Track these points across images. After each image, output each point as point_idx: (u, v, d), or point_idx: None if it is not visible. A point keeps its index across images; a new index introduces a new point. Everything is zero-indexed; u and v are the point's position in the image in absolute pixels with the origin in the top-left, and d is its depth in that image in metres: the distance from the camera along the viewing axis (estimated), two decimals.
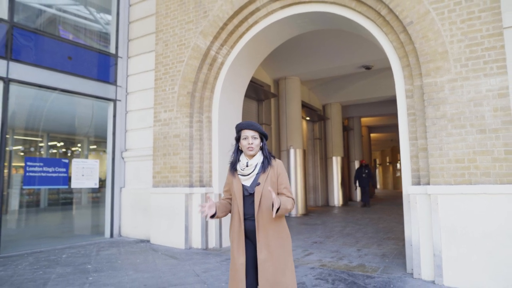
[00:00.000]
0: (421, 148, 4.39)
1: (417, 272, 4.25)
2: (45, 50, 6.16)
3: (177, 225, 6.04)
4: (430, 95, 4.26)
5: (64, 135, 7.05)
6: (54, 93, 6.39)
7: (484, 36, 4.04)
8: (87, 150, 7.27)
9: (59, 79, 6.28)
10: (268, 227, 2.34)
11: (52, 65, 6.21)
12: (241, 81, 6.68)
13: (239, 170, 2.44)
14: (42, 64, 6.07)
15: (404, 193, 4.57)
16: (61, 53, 6.40)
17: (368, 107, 16.22)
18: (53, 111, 6.70)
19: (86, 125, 7.15)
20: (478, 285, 3.79)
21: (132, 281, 4.17)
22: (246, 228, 2.39)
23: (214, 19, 6.01)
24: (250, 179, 2.40)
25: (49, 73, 6.15)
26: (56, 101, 6.62)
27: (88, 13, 7.31)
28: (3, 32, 5.63)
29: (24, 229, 6.35)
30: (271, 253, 2.31)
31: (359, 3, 4.95)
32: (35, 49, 6.01)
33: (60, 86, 6.29)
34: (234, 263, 2.38)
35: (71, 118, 7.01)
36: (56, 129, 6.96)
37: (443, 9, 4.26)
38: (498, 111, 3.91)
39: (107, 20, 7.47)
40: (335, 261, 5.12)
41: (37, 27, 6.28)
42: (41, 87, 6.11)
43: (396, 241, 6.52)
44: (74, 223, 7.16)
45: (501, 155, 3.86)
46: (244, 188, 2.41)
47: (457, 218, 3.96)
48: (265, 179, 2.37)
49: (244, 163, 2.42)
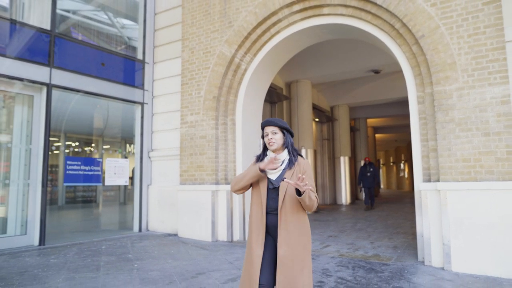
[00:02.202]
0: (431, 149, 4.88)
1: (428, 260, 4.74)
2: (81, 57, 6.68)
3: (204, 220, 6.54)
4: (440, 102, 4.75)
5: (96, 136, 7.55)
6: (88, 97, 6.90)
7: (488, 49, 4.52)
8: (117, 150, 7.77)
9: (93, 83, 6.80)
10: (290, 223, 2.33)
11: (87, 71, 6.73)
12: (262, 86, 7.19)
13: None
14: (78, 70, 6.59)
15: (416, 189, 5.06)
16: (95, 59, 6.92)
17: (374, 109, 16.69)
18: (86, 113, 7.23)
19: (116, 126, 7.67)
20: (482, 270, 4.28)
21: (174, 267, 4.68)
22: (267, 222, 2.39)
23: (239, 29, 6.51)
24: (277, 173, 2.40)
25: (85, 78, 6.67)
26: (89, 104, 7.14)
27: (117, 21, 7.83)
28: (47, 41, 6.15)
29: (63, 223, 6.87)
30: (291, 249, 2.29)
31: (375, 17, 5.45)
32: (73, 56, 6.53)
33: (93, 90, 6.81)
34: (251, 254, 2.35)
35: (102, 120, 7.53)
36: (88, 130, 7.46)
37: (452, 24, 4.75)
38: (501, 116, 4.39)
39: (134, 28, 7.99)
40: (352, 251, 5.61)
41: (74, 36, 6.80)
42: (78, 91, 6.63)
43: (405, 235, 7.00)
44: (105, 218, 7.67)
45: (503, 155, 4.35)
46: (269, 181, 2.41)
47: (464, 212, 4.45)
48: (290, 176, 2.37)
49: (273, 155, 2.42)
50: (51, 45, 6.19)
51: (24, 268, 4.55)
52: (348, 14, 5.68)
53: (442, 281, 4.09)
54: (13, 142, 5.93)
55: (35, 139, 5.96)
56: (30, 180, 5.90)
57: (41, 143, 5.96)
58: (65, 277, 4.20)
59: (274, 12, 6.19)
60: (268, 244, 2.37)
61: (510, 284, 3.92)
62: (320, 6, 5.89)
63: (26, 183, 5.90)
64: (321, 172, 14.41)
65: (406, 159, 29.86)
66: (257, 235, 2.36)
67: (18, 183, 5.88)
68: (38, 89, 6.09)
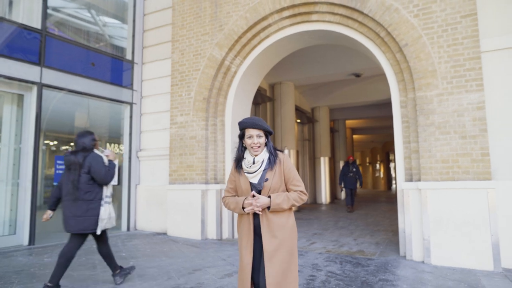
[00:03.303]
0: (413, 150, 5.22)
1: (409, 255, 5.08)
2: (71, 56, 6.67)
3: (193, 219, 6.67)
4: (421, 106, 5.09)
5: None
6: (77, 96, 6.89)
7: (466, 59, 4.90)
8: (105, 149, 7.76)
9: (82, 83, 6.80)
10: (275, 221, 2.33)
11: (77, 71, 6.73)
12: (250, 88, 7.39)
13: (245, 168, 2.40)
14: (69, 69, 6.58)
15: (398, 188, 5.39)
16: (85, 59, 6.92)
17: (353, 110, 17.20)
18: (75, 113, 7.20)
19: (104, 126, 7.67)
20: (459, 263, 4.64)
21: (169, 264, 4.81)
22: (255, 223, 2.38)
23: (230, 33, 6.68)
24: (257, 176, 2.37)
25: (75, 78, 6.67)
26: (78, 104, 7.12)
27: (107, 21, 7.83)
28: (38, 40, 6.12)
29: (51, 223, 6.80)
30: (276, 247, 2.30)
31: (361, 25, 5.75)
32: (63, 55, 6.52)
33: (83, 90, 6.82)
34: (242, 261, 2.38)
35: (91, 120, 7.51)
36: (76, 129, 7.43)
37: (433, 34, 5.10)
38: (476, 121, 4.77)
39: (124, 28, 8.01)
40: (337, 248, 5.90)
41: (65, 36, 6.78)
42: (68, 91, 6.61)
43: (385, 232, 7.37)
44: None
45: (479, 157, 4.73)
46: (252, 186, 2.39)
47: (443, 209, 4.80)
48: (272, 175, 2.36)
49: (250, 161, 2.38)
50: (42, 44, 6.16)
51: (20, 267, 4.57)
52: (336, 21, 5.96)
53: (423, 273, 4.42)
54: (1, 141, 5.87)
55: (25, 138, 5.93)
56: (20, 179, 5.86)
57: (31, 142, 5.93)
58: None
59: (264, 17, 6.40)
60: (257, 246, 2.37)
61: (484, 275, 4.29)
62: (309, 13, 6.15)
63: (15, 182, 5.86)
64: (302, 172, 14.74)
65: (382, 159, 30.82)
66: (246, 241, 2.37)
67: (6, 182, 5.83)
68: (28, 88, 6.05)
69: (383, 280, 4.09)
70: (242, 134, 2.44)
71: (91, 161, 3.66)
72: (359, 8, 5.58)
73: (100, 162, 3.70)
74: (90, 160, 3.66)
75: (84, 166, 3.64)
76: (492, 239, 4.52)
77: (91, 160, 3.67)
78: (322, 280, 4.12)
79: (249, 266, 2.32)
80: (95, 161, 3.67)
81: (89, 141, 3.76)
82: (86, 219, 3.62)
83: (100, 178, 3.66)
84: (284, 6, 6.20)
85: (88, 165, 3.65)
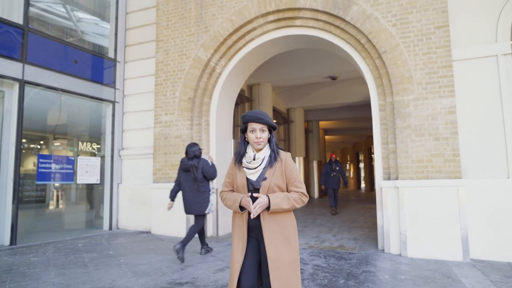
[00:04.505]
0: (391, 151, 5.58)
1: (387, 248, 5.44)
2: (54, 53, 6.57)
3: (178, 217, 6.75)
4: (399, 110, 5.46)
5: (67, 134, 7.40)
6: (57, 94, 6.79)
7: (439, 67, 5.31)
8: (88, 148, 7.68)
9: (66, 81, 6.71)
10: (275, 223, 2.22)
11: (60, 68, 6.64)
12: (234, 89, 7.55)
13: (245, 163, 2.31)
14: (52, 66, 6.48)
15: (377, 186, 5.74)
16: (67, 56, 6.83)
17: (327, 112, 17.72)
18: (57, 111, 7.08)
19: (84, 124, 7.58)
20: (432, 255, 5.04)
21: (160, 261, 4.90)
22: (250, 224, 2.28)
23: (215, 34, 6.82)
24: (256, 173, 2.27)
25: (58, 75, 6.57)
26: (61, 102, 7.01)
27: (89, 19, 7.74)
28: (20, 36, 6.00)
29: (33, 222, 6.68)
30: (280, 251, 2.19)
31: (343, 32, 6.06)
32: (46, 52, 6.41)
33: (67, 88, 6.73)
34: (232, 260, 2.29)
35: (71, 118, 7.41)
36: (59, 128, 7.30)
37: (410, 43, 5.49)
38: (448, 124, 5.19)
39: (106, 27, 7.94)
40: (319, 243, 6.19)
41: (48, 33, 6.66)
42: (51, 88, 6.51)
43: (361, 228, 7.76)
44: (74, 217, 7.53)
45: (450, 157, 5.15)
46: (249, 182, 2.29)
47: (418, 205, 5.19)
48: (272, 174, 2.25)
49: (251, 156, 2.29)
50: (25, 40, 6.04)
51: (8, 266, 4.51)
52: (319, 27, 6.25)
53: (401, 264, 4.77)
54: None
55: (6, 136, 5.80)
56: (0, 178, 5.73)
57: (13, 140, 5.81)
58: (55, 273, 4.26)
59: (250, 20, 6.59)
60: (251, 247, 2.28)
61: (455, 265, 4.69)
62: (293, 18, 6.40)
63: None
64: None
65: (352, 160, 31.78)
66: (239, 239, 2.29)
67: None
68: (10, 85, 5.92)
69: (366, 272, 4.39)
70: (245, 128, 2.32)
71: (203, 164, 5.11)
72: (341, 15, 5.89)
73: (208, 164, 5.16)
74: (202, 163, 5.12)
75: (199, 168, 5.08)
76: (462, 233, 4.95)
77: (202, 163, 5.12)
78: (310, 273, 4.36)
79: (238, 264, 2.23)
80: (206, 164, 5.14)
81: (198, 150, 5.21)
82: (203, 205, 5.11)
83: (210, 176, 5.14)
84: (269, 11, 6.42)
85: (201, 167, 5.08)
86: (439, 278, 4.12)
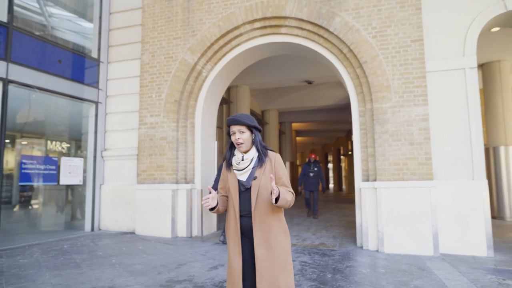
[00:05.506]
0: (370, 154, 5.99)
1: (366, 245, 5.84)
2: (38, 53, 6.47)
3: (163, 217, 6.86)
4: (377, 116, 5.88)
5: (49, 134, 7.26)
6: (42, 93, 6.69)
7: (414, 77, 5.77)
8: (71, 149, 7.58)
9: (49, 80, 6.62)
10: (266, 223, 2.24)
11: (44, 67, 6.54)
12: (219, 92, 7.73)
13: (234, 165, 2.33)
14: (36, 66, 6.38)
15: (356, 187, 6.13)
16: (51, 56, 6.74)
17: (300, 114, 18.22)
18: (40, 111, 6.96)
19: (64, 124, 7.48)
20: (407, 250, 5.49)
21: (152, 261, 5.02)
22: (243, 225, 2.29)
23: (202, 39, 6.97)
24: (246, 173, 2.30)
25: (41, 75, 6.48)
26: (45, 102, 6.90)
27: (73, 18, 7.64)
28: (4, 35, 5.89)
29: (15, 224, 6.53)
30: (269, 251, 2.21)
31: (326, 41, 6.41)
32: (30, 51, 6.31)
33: (50, 87, 6.64)
34: (230, 265, 2.28)
35: (55, 118, 7.29)
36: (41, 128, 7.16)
37: (388, 54, 5.92)
38: (422, 130, 5.66)
39: (89, 26, 7.87)
40: (301, 241, 6.50)
41: (32, 31, 6.54)
42: (35, 88, 6.41)
43: (338, 227, 8.17)
44: (55, 218, 7.40)
45: (423, 160, 5.61)
46: (240, 184, 2.31)
47: (394, 205, 5.62)
48: (262, 173, 2.27)
49: (240, 157, 2.32)
50: (9, 38, 5.93)
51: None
52: (303, 35, 6.57)
53: (379, 259, 5.17)
54: None
55: None
56: None
57: None
58: (50, 274, 4.29)
59: (236, 26, 6.81)
60: (246, 249, 2.29)
61: (427, 259, 5.15)
62: (279, 26, 6.68)
63: None
64: None
65: (321, 160, 32.62)
66: (234, 242, 2.30)
67: None
68: None
69: (350, 266, 4.74)
70: (228, 132, 2.39)
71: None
72: (325, 26, 6.23)
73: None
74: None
75: None
76: (433, 229, 5.43)
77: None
78: (299, 268, 4.65)
79: (239, 269, 2.23)
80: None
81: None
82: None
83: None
84: (256, 18, 6.66)
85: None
86: (415, 271, 4.54)
